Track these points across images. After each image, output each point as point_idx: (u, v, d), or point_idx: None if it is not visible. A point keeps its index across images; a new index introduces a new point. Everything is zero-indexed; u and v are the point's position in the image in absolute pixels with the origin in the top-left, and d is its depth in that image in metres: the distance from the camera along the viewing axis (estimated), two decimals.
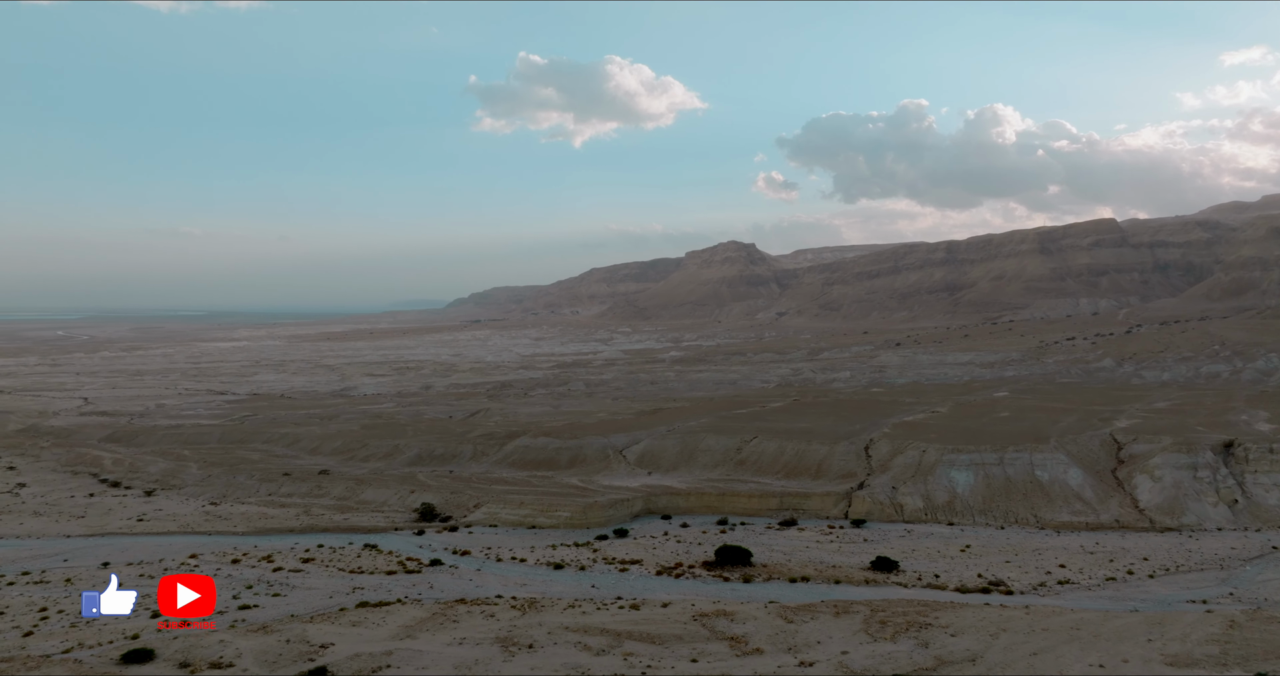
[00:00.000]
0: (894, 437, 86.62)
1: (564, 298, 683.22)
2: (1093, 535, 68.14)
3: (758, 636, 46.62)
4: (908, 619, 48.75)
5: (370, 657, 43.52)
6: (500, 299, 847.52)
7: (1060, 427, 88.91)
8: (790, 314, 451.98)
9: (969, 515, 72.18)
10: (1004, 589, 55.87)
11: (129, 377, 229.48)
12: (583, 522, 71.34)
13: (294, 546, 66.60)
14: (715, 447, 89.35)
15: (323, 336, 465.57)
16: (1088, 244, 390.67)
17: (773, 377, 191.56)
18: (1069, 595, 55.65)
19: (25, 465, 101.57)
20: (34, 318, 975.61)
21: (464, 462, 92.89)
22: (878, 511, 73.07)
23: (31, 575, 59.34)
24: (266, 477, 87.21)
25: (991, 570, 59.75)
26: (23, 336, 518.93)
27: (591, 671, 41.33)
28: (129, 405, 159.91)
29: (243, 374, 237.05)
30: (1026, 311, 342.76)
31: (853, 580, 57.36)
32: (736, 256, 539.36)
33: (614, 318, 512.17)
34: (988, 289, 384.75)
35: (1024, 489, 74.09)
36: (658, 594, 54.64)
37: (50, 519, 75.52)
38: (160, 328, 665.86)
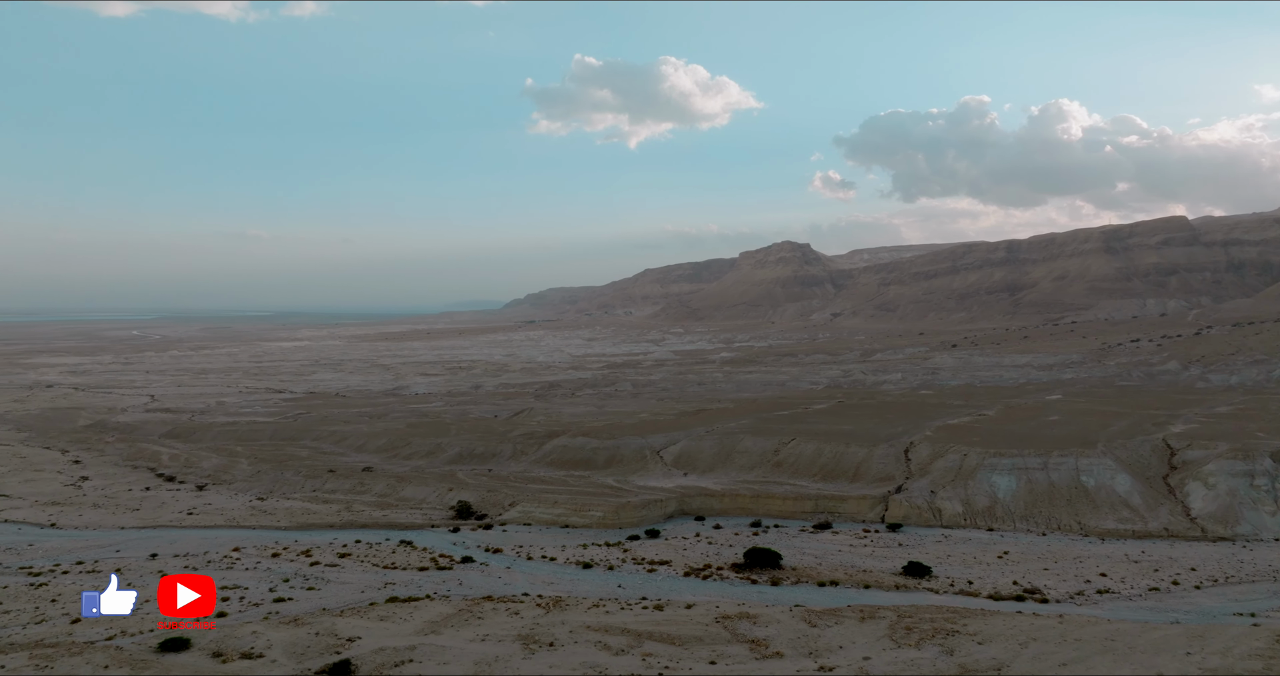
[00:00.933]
0: (935, 441, 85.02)
1: (617, 298, 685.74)
2: (1139, 543, 65.98)
3: (779, 640, 46.26)
4: (934, 625, 47.85)
5: (394, 652, 44.38)
6: (555, 300, 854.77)
7: (1110, 432, 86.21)
8: (845, 315, 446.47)
9: (1010, 521, 70.48)
10: (1039, 597, 54.42)
11: (194, 376, 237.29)
12: (615, 522, 71.62)
13: (333, 541, 68.24)
14: (752, 449, 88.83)
15: (381, 336, 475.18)
16: (1156, 242, 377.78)
17: (822, 379, 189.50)
18: (1108, 605, 53.99)
19: (90, 459, 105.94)
20: (112, 318, 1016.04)
21: (503, 461, 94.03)
22: (915, 516, 71.83)
23: (85, 564, 61.90)
24: (312, 474, 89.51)
25: (1028, 577, 58.28)
26: (101, 336, 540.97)
27: (609, 671, 41.50)
28: (191, 402, 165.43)
29: (301, 373, 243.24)
30: (1090, 312, 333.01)
31: (883, 585, 56.53)
32: (791, 257, 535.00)
33: (666, 318, 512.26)
34: (1050, 289, 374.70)
35: (1068, 495, 72.05)
36: (683, 595, 54.60)
37: (108, 511, 78.69)
38: (228, 328, 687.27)
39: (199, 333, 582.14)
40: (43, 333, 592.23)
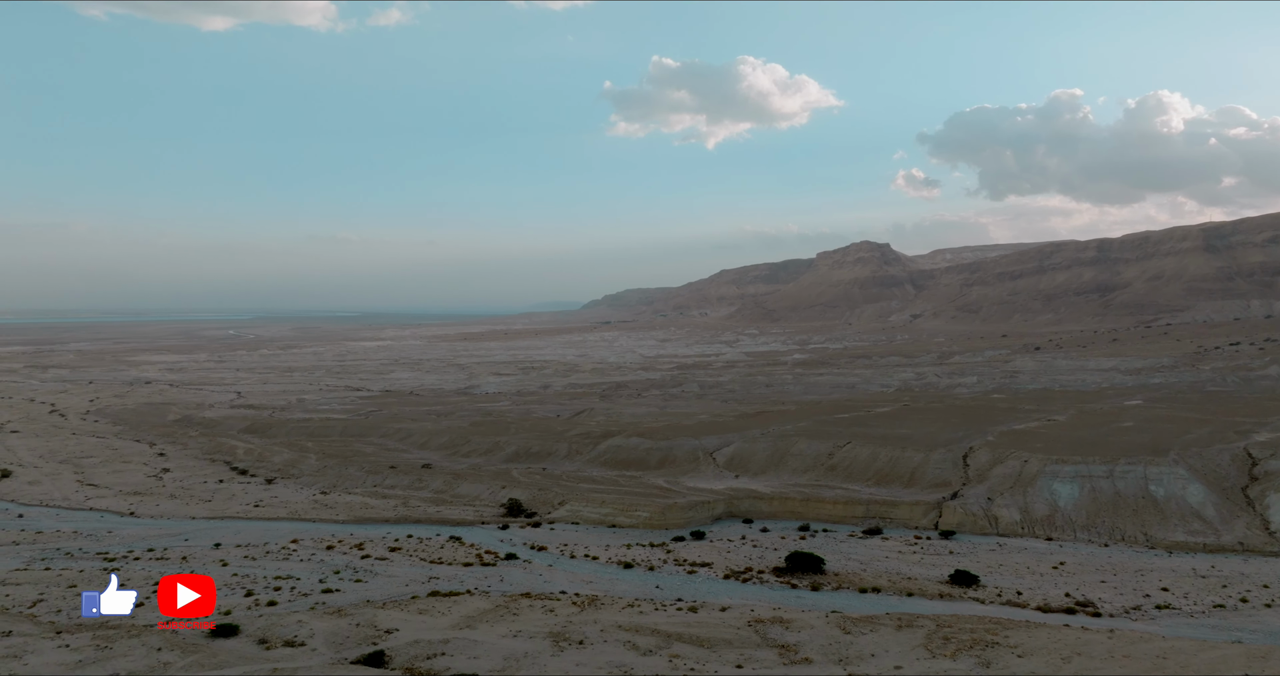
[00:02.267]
0: (996, 446, 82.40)
1: (693, 299, 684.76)
2: (1209, 558, 62.65)
3: (810, 646, 45.66)
4: (974, 636, 46.48)
5: (428, 644, 45.51)
6: (631, 300, 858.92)
7: (1187, 440, 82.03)
8: (925, 316, 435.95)
9: (1070, 530, 67.80)
10: (1091, 610, 52.23)
11: (280, 374, 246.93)
12: (661, 523, 71.74)
13: (386, 535, 70.27)
14: (806, 452, 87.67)
15: (460, 336, 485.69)
16: (1263, 240, 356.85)
17: (894, 382, 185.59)
18: (1166, 621, 51.49)
19: (174, 452, 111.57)
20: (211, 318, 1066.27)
21: (558, 461, 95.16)
22: (969, 523, 69.78)
23: (155, 552, 65.29)
24: (374, 470, 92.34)
25: (1082, 589, 56.00)
26: (200, 335, 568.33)
27: (635, 670, 41.69)
28: (274, 399, 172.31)
29: (380, 371, 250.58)
30: (1187, 314, 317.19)
31: (926, 593, 55.15)
32: (869, 257, 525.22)
33: (742, 319, 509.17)
34: (1143, 290, 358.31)
35: (1134, 504, 68.87)
36: (720, 597, 54.37)
37: (182, 501, 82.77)
38: (317, 327, 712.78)
39: (289, 332, 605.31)
40: (148, 332, 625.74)
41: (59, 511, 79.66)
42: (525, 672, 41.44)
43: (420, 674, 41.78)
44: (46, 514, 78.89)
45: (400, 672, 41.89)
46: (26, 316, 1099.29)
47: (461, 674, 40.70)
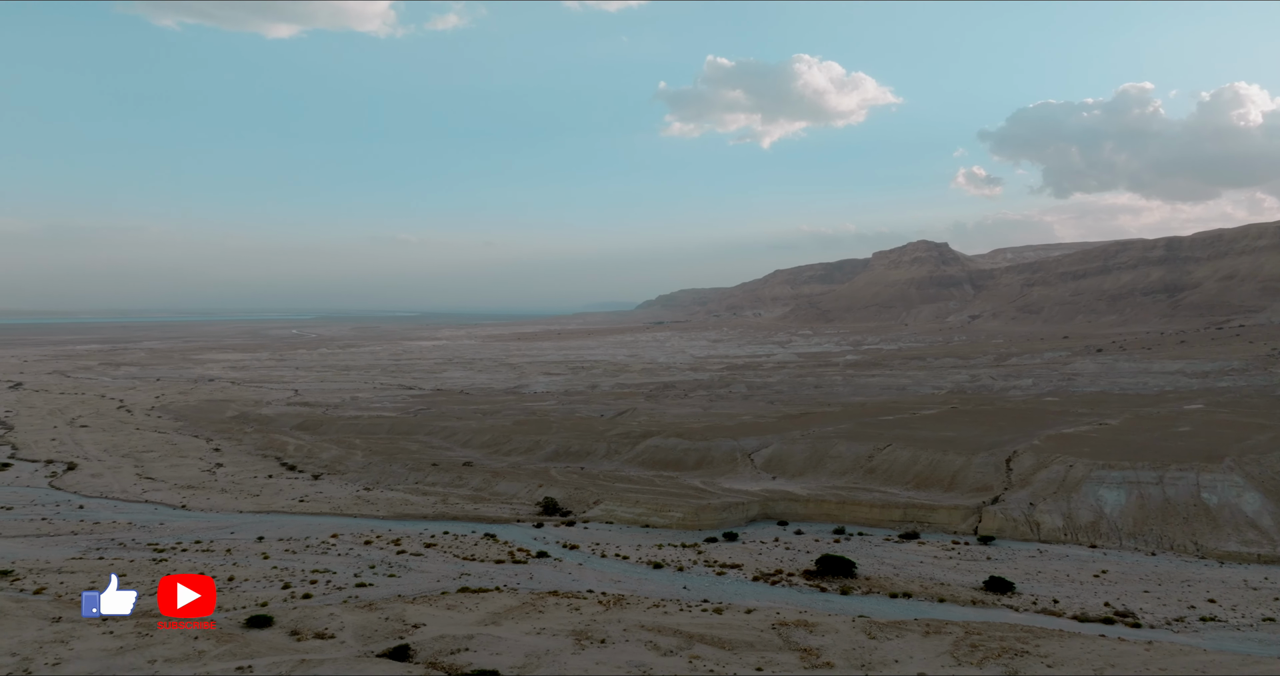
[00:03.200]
0: (1041, 450, 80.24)
1: (746, 300, 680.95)
2: (1263, 569, 60.12)
3: (833, 650, 45.21)
4: (1003, 644, 45.49)
5: (453, 640, 46.24)
6: (685, 301, 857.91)
7: (1245, 446, 78.77)
8: (984, 317, 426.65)
9: (1115, 538, 65.71)
10: (1130, 621, 50.63)
11: (337, 372, 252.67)
12: (694, 524, 71.59)
13: (423, 532, 71.48)
14: (845, 454, 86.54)
15: (515, 336, 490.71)
16: None
17: (946, 384, 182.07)
18: (1210, 634, 49.59)
19: (228, 447, 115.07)
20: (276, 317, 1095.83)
21: (597, 460, 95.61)
22: (1010, 528, 68.11)
23: (201, 544, 67.45)
24: (416, 467, 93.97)
25: (1123, 599, 54.25)
26: (264, 334, 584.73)
27: (654, 671, 41.80)
28: (329, 397, 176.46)
29: (434, 370, 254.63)
30: (1262, 315, 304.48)
31: (958, 599, 54.06)
32: (926, 256, 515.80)
33: (795, 320, 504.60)
34: (1215, 290, 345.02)
35: (1185, 512, 66.44)
36: (747, 599, 54.10)
37: (232, 496, 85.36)
38: (376, 327, 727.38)
39: (349, 332, 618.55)
40: (215, 331, 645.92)
41: (117, 503, 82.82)
42: (544, 670, 41.84)
43: (443, 668, 42.47)
44: (105, 505, 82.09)
45: (423, 667, 42.63)
46: (104, 316, 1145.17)
47: (482, 669, 41.25)
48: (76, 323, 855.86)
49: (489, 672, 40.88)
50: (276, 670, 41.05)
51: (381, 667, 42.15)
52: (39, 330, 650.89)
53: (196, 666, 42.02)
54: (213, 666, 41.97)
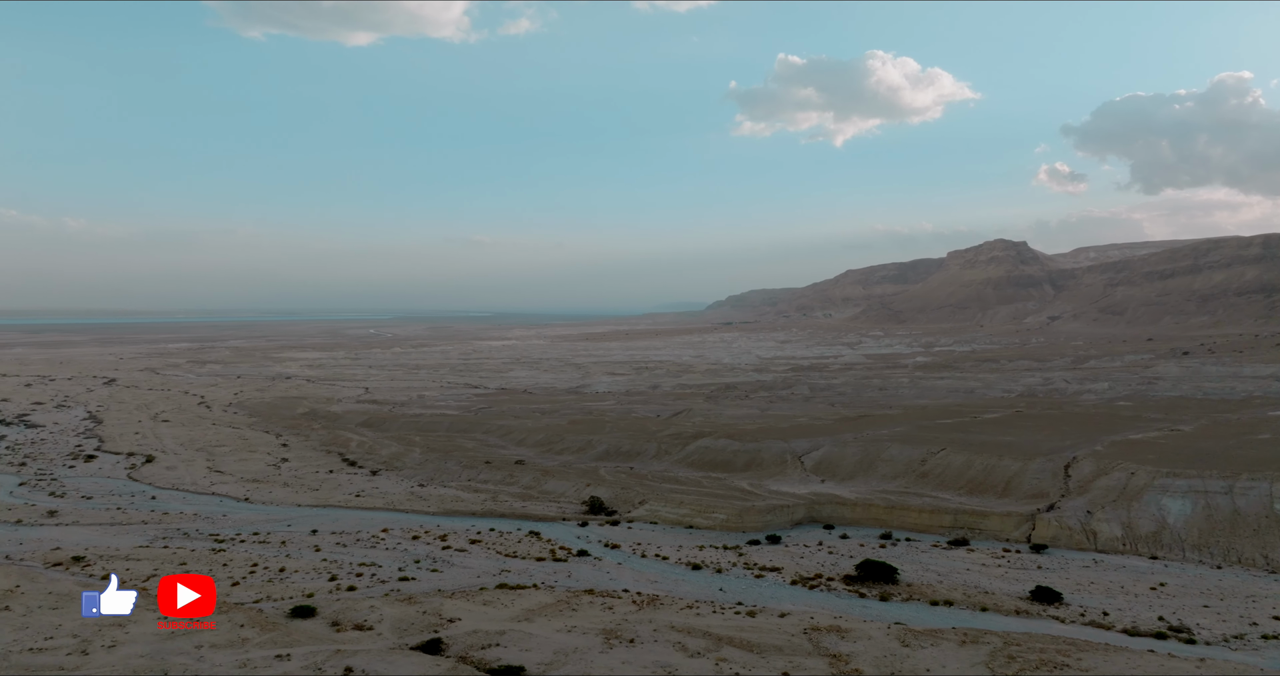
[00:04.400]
0: (1103, 456, 77.26)
1: (817, 300, 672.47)
2: None
3: (863, 657, 44.51)
4: (1042, 657, 44.12)
5: (485, 635, 47.07)
6: (755, 301, 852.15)
7: None
8: (1064, 318, 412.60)
9: (1178, 549, 62.85)
10: (1185, 636, 48.37)
11: (407, 371, 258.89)
12: (738, 526, 71.19)
13: (470, 528, 72.82)
14: (898, 458, 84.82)
15: (582, 336, 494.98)
16: None
17: (1017, 387, 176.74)
18: (1271, 652, 47.06)
19: (295, 443, 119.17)
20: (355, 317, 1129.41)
21: (646, 460, 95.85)
22: (1065, 537, 65.79)
23: (259, 535, 70.05)
24: (470, 464, 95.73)
25: (1180, 613, 51.88)
26: (342, 333, 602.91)
27: (679, 672, 41.86)
28: (397, 395, 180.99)
29: (500, 370, 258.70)
30: None
31: (1001, 609, 52.51)
32: (1004, 255, 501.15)
33: (866, 321, 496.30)
34: None
35: (1256, 524, 63.13)
36: (782, 603, 53.59)
37: (293, 489, 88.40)
38: (450, 327, 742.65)
39: (424, 331, 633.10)
40: (297, 330, 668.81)
41: (186, 495, 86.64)
42: (570, 668, 42.26)
43: (472, 663, 43.27)
44: (175, 496, 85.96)
45: (453, 660, 43.51)
46: (196, 315, 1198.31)
47: (509, 665, 41.90)
48: (170, 322, 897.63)
49: (515, 668, 41.49)
50: (312, 659, 42.44)
51: (412, 659, 43.18)
52: (136, 329, 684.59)
53: (239, 653, 43.73)
54: (254, 653, 43.62)
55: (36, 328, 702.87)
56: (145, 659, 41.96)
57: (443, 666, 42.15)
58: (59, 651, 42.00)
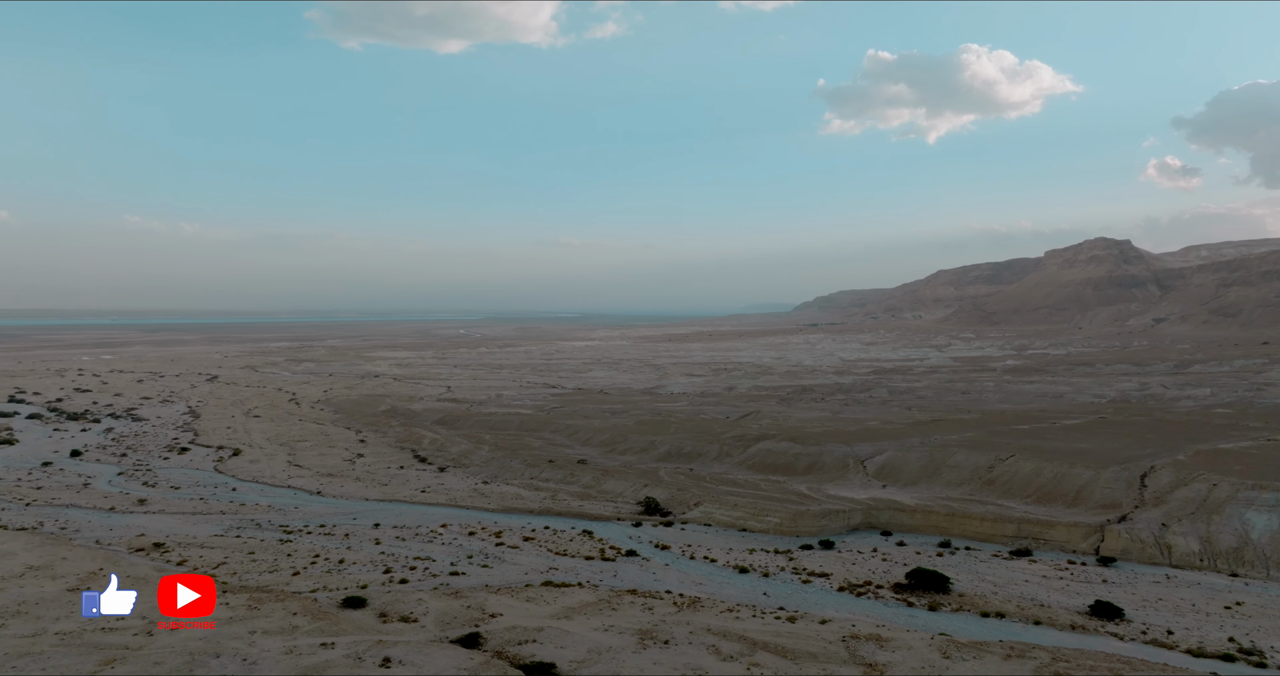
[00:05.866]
0: (1184, 466, 73.02)
1: (906, 301, 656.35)
2: None
3: (900, 667, 43.49)
4: (1093, 675, 42.20)
5: (523, 631, 47.92)
6: (843, 302, 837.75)
7: None
8: (1171, 320, 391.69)
9: (1261, 567, 58.97)
10: (1256, 660, 45.43)
11: (489, 370, 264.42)
12: (792, 530, 70.23)
13: (525, 526, 74.00)
14: (964, 464, 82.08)
15: (666, 337, 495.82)
16: None
17: (1110, 392, 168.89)
18: None
19: (373, 439, 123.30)
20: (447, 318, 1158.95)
21: (707, 462, 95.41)
22: (1136, 550, 62.52)
23: (325, 528, 72.86)
24: (533, 463, 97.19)
25: (1253, 635, 48.72)
26: (433, 333, 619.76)
27: (708, 674, 41.74)
28: (476, 394, 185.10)
29: (579, 370, 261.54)
30: None
31: (1056, 623, 50.36)
32: (1105, 255, 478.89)
33: (957, 322, 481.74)
34: None
35: None
36: (826, 609, 52.73)
37: (363, 484, 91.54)
38: (537, 327, 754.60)
39: (511, 332, 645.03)
40: (391, 330, 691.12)
41: (264, 487, 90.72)
42: (601, 666, 42.63)
43: (507, 658, 44.12)
44: (254, 489, 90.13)
45: (488, 655, 44.46)
46: (298, 315, 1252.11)
47: (541, 661, 42.55)
48: (274, 322, 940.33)
49: (547, 665, 42.08)
50: (354, 648, 43.98)
51: (449, 652, 44.30)
52: (242, 328, 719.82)
53: (287, 639, 45.68)
54: (301, 640, 45.49)
55: (154, 327, 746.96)
56: (202, 641, 44.24)
57: (476, 660, 43.07)
58: (127, 631, 44.52)
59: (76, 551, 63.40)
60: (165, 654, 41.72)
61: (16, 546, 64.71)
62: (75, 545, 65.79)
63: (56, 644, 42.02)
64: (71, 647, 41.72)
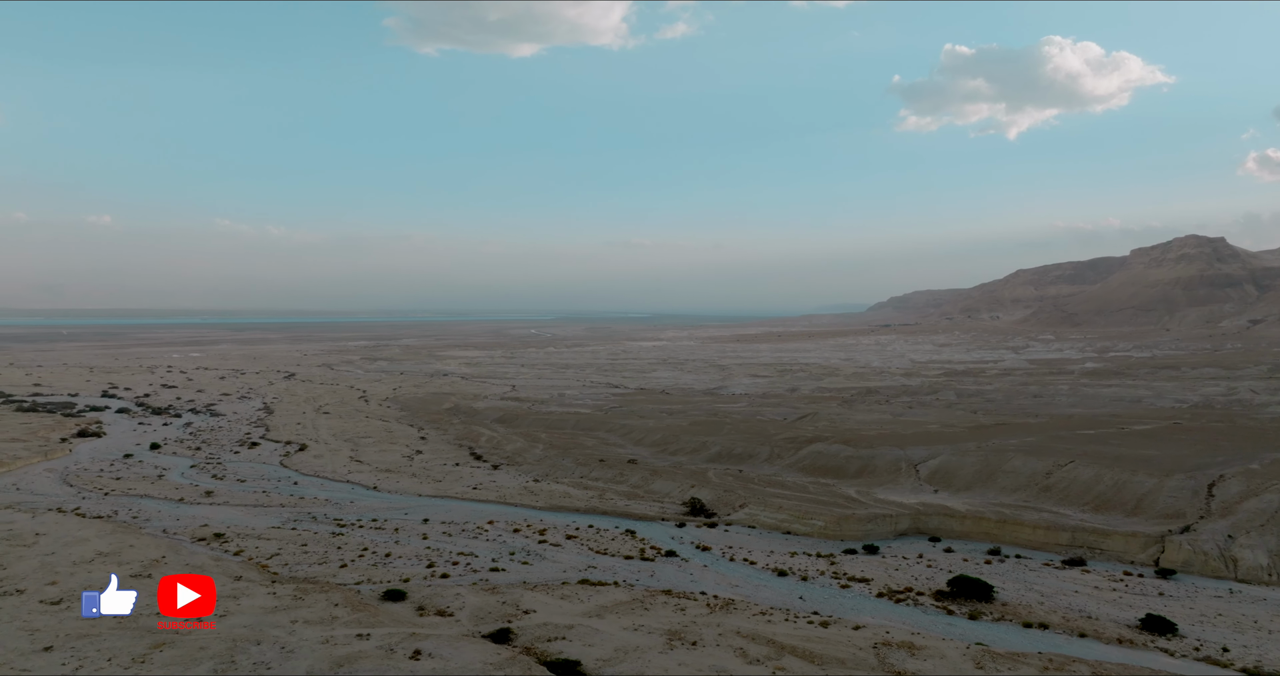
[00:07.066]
0: (1257, 476, 69.28)
1: (984, 301, 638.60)
2: None
3: None
4: None
5: (553, 628, 48.53)
6: (918, 303, 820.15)
7: None
8: (1269, 321, 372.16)
9: None
10: None
11: (555, 370, 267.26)
12: (836, 534, 69.21)
13: (570, 524, 74.69)
14: (1020, 469, 79.48)
15: (735, 338, 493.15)
16: None
17: (1193, 397, 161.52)
18: None
19: (433, 436, 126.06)
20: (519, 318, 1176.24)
21: (757, 464, 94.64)
22: (1199, 563, 59.66)
23: (377, 522, 74.83)
24: (584, 462, 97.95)
25: None
26: (504, 333, 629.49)
27: None
28: (539, 393, 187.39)
29: (643, 370, 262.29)
30: None
31: (1102, 636, 48.48)
32: (1196, 253, 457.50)
33: (1036, 323, 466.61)
34: None
35: None
36: (861, 615, 51.90)
37: (419, 480, 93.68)
38: (606, 327, 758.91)
39: (581, 332, 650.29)
40: (465, 330, 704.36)
41: (324, 482, 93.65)
42: (627, 666, 42.88)
43: (535, 654, 44.77)
44: (315, 483, 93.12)
45: (517, 650, 45.17)
46: (376, 315, 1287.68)
47: (567, 658, 43.03)
48: (353, 321, 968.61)
49: (572, 662, 42.52)
50: (387, 640, 45.22)
51: (478, 646, 45.13)
52: (323, 328, 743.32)
53: (326, 629, 47.22)
54: (338, 630, 46.97)
55: (241, 326, 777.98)
56: (247, 629, 46.11)
57: (503, 655, 43.78)
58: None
59: (143, 539, 66.64)
60: (210, 639, 43.56)
61: (90, 533, 68.39)
62: (143, 534, 69.13)
63: (114, 627, 44.11)
64: (127, 631, 43.77)
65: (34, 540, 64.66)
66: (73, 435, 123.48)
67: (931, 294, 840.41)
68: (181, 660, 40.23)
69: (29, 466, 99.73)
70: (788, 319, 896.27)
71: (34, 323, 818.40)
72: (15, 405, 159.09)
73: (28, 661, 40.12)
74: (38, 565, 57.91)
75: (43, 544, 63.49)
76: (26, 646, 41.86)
